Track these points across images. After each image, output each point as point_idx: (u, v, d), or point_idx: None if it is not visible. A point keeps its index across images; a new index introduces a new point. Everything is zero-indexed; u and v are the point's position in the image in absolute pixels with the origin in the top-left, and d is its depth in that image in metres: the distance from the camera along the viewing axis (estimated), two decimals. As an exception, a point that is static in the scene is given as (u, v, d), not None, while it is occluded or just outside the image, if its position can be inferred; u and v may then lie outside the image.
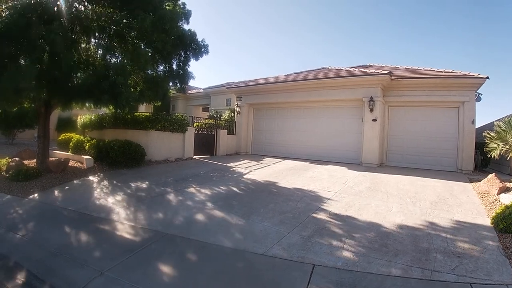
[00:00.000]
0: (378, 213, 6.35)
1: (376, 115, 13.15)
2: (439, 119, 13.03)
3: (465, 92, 12.27)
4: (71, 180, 9.13)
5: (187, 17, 10.44)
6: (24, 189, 8.13)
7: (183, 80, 11.44)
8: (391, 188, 8.49)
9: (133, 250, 4.69)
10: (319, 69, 18.54)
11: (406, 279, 3.79)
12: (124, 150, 10.65)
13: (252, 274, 4.08)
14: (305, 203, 7.10)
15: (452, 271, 3.92)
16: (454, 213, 6.27)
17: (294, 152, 16.07)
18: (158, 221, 6.00)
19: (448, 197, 7.63)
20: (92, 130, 14.87)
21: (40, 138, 10.26)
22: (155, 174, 10.10)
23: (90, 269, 4.09)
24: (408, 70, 15.28)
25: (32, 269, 4.15)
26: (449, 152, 12.65)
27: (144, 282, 3.80)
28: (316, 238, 5.07)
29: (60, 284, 3.82)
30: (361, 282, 3.74)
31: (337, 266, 4.14)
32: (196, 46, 10.86)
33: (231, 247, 4.83)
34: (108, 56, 9.63)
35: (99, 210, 6.64)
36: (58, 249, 4.71)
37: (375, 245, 4.79)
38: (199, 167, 11.98)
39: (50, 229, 5.61)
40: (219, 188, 8.43)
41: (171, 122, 13.13)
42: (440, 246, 4.66)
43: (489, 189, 7.86)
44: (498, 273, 3.86)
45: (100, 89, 8.38)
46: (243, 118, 17.98)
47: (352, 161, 13.92)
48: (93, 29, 8.60)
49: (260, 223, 5.80)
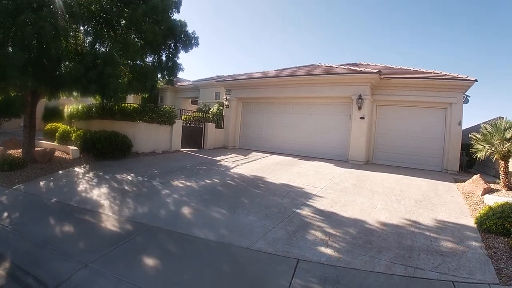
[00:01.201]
0: (363, 210, 6.41)
1: (364, 113, 13.23)
2: (426, 119, 13.16)
3: (453, 94, 12.42)
4: (57, 170, 9.01)
5: (177, 6, 10.25)
6: (8, 179, 7.99)
7: (172, 72, 11.31)
8: (377, 186, 8.57)
9: (118, 242, 4.65)
10: (309, 66, 18.54)
11: (390, 275, 3.83)
12: (110, 141, 10.53)
13: (237, 268, 4.08)
14: (291, 198, 7.12)
15: (435, 269, 3.98)
16: (438, 212, 6.36)
17: (281, 147, 16.08)
18: (143, 214, 5.96)
19: (433, 196, 7.73)
20: (79, 121, 14.63)
21: (26, 128, 10.08)
22: (141, 166, 10.02)
23: (74, 260, 4.05)
24: (398, 70, 15.37)
25: (16, 261, 4.10)
26: (435, 152, 12.82)
27: (129, 274, 3.78)
28: (301, 233, 5.10)
29: (44, 275, 3.77)
30: (345, 278, 3.77)
31: (321, 261, 4.17)
32: (186, 37, 10.73)
33: (216, 241, 4.83)
34: (97, 45, 9.48)
35: (84, 202, 6.56)
36: (42, 241, 4.64)
37: (359, 241, 4.83)
38: (186, 160, 11.92)
39: (34, 220, 5.52)
40: (205, 182, 8.40)
41: (159, 114, 13.03)
42: (424, 244, 4.73)
43: (473, 190, 7.99)
44: (480, 272, 3.93)
45: (87, 78, 8.26)
46: (231, 112, 17.92)
47: (339, 158, 14.01)
48: (82, 16, 8.44)
49: (245, 217, 5.81)
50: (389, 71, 14.67)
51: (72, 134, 12.07)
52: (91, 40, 9.49)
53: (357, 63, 17.92)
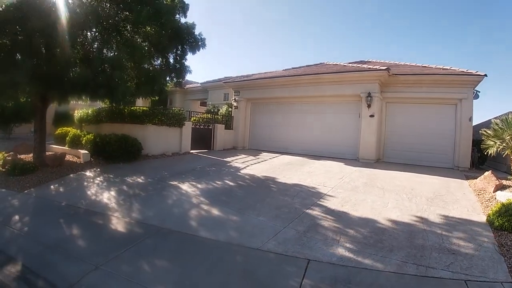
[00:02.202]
0: (374, 208, 6.36)
1: (374, 111, 13.12)
2: (436, 116, 13.01)
3: (463, 90, 12.25)
4: (68, 174, 9.11)
5: (184, 10, 10.36)
6: (20, 184, 8.11)
7: (180, 74, 11.39)
8: (388, 184, 8.49)
9: (128, 244, 4.68)
10: (317, 65, 18.45)
11: (401, 275, 3.79)
12: (121, 145, 10.63)
13: (247, 268, 4.07)
14: (301, 198, 7.09)
15: (447, 267, 3.93)
16: (450, 210, 6.27)
17: (291, 147, 16.03)
18: (153, 216, 5.98)
19: (444, 193, 7.63)
20: (89, 124, 14.81)
21: (37, 133, 10.22)
22: (151, 169, 10.08)
23: (85, 263, 4.08)
24: (406, 67, 15.22)
25: (27, 263, 4.15)
26: (446, 149, 12.66)
27: (139, 276, 3.80)
28: (311, 233, 5.08)
29: (54, 278, 3.81)
30: (356, 278, 3.74)
31: (332, 261, 4.14)
32: (193, 39, 10.80)
33: (227, 242, 4.82)
34: (104, 50, 9.57)
35: (94, 205, 6.62)
36: (53, 243, 4.70)
37: (370, 240, 4.79)
38: (196, 161, 11.96)
39: (45, 224, 5.59)
40: (215, 183, 8.42)
41: (168, 117, 13.06)
42: (435, 243, 4.67)
43: (485, 187, 7.87)
44: (493, 270, 3.86)
45: (96, 83, 8.35)
46: (240, 113, 17.92)
47: (349, 157, 13.91)
48: (89, 22, 8.52)
49: (256, 218, 5.80)
50: (397, 68, 14.54)
51: (83, 138, 12.19)
52: (98, 45, 9.59)
53: (365, 61, 17.82)
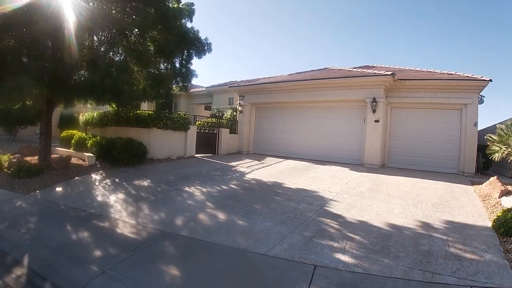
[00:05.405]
0: (380, 214, 6.35)
1: (379, 116, 13.12)
2: (441, 121, 12.98)
3: (468, 95, 12.23)
4: (73, 177, 9.16)
5: (190, 15, 10.43)
6: (25, 186, 8.14)
7: (186, 78, 11.44)
8: (393, 190, 8.48)
9: (135, 248, 4.69)
10: (322, 69, 18.50)
11: (407, 281, 3.78)
12: (126, 148, 10.66)
13: (254, 274, 4.08)
14: (306, 203, 7.09)
15: (453, 273, 3.91)
16: (456, 216, 6.26)
17: (296, 152, 16.06)
18: (159, 220, 6.00)
19: (450, 199, 7.62)
20: (94, 128, 14.89)
21: (42, 135, 10.27)
22: (157, 173, 10.10)
23: (92, 267, 4.10)
24: (411, 72, 15.24)
25: (34, 267, 4.16)
26: (451, 154, 12.63)
27: (146, 280, 3.80)
28: (317, 239, 5.07)
29: (61, 282, 3.82)
30: (362, 284, 3.73)
31: (338, 267, 4.14)
32: (199, 44, 10.86)
33: (233, 247, 4.83)
34: (110, 54, 9.63)
35: (100, 208, 6.64)
36: (59, 247, 4.71)
37: (376, 246, 4.79)
38: (201, 166, 11.98)
39: (51, 227, 5.61)
40: (220, 187, 8.44)
41: (173, 121, 13.11)
42: (441, 249, 4.66)
43: (490, 192, 7.84)
44: (498, 276, 3.85)
45: (102, 86, 8.39)
46: (245, 117, 17.97)
47: (354, 162, 13.90)
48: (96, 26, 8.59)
49: (261, 223, 5.80)
50: (402, 73, 14.56)
51: (88, 141, 12.26)
52: (105, 49, 9.65)
53: (370, 66, 17.85)
